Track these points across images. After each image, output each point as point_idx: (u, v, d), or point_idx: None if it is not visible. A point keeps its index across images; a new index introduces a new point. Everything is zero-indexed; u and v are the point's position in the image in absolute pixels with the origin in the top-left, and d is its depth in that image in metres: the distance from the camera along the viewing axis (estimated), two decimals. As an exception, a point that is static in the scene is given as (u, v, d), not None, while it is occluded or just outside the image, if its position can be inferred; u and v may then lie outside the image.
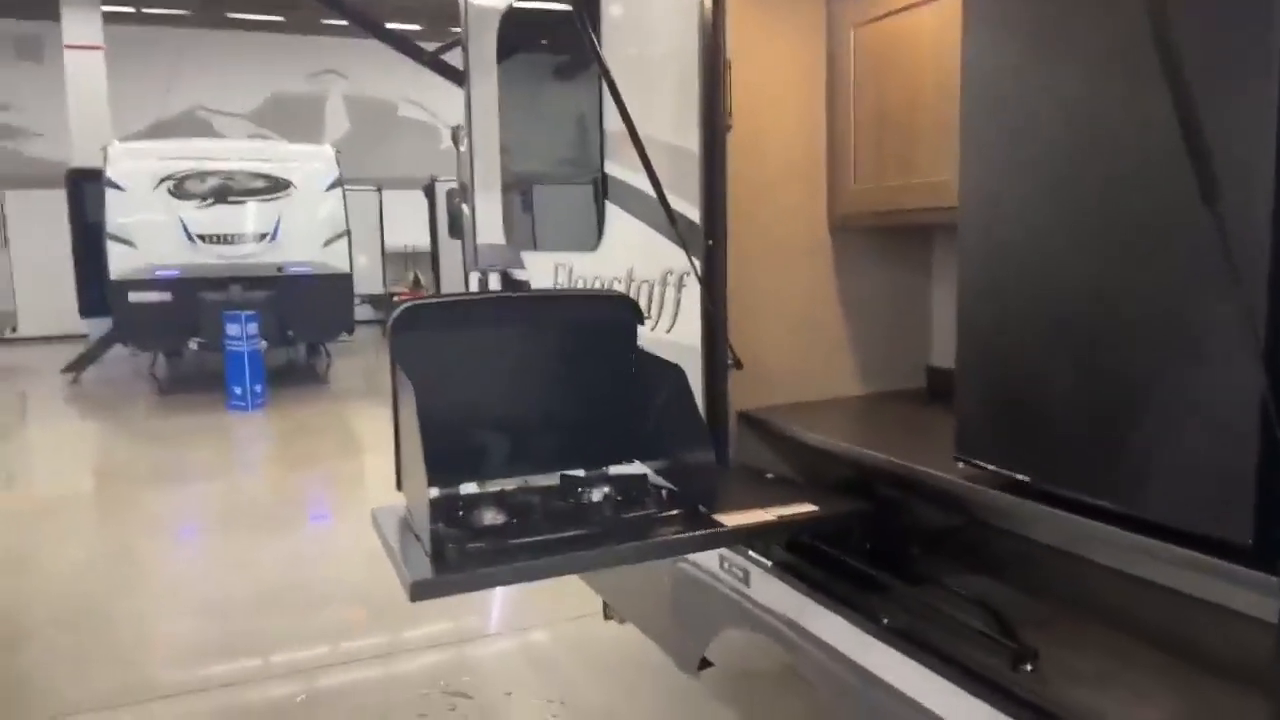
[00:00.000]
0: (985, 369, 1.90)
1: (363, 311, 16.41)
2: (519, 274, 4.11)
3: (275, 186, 11.67)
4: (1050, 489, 1.74)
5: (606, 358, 2.48)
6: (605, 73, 2.51)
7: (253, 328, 10.42)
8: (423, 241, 16.76)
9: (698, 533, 2.06)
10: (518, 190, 4.07)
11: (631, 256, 2.98)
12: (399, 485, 2.25)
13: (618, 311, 2.51)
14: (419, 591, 1.81)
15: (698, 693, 3.64)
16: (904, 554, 2.26)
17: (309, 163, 12.19)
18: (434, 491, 2.10)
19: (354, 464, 8.40)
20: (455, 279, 13.56)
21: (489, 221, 4.46)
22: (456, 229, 12.55)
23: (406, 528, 2.12)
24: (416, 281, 18.99)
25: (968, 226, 1.91)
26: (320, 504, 7.32)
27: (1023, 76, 1.76)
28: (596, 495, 2.24)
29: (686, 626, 2.78)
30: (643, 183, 2.80)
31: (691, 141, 2.56)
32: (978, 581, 2.14)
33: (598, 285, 3.23)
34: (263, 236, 11.51)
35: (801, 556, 2.30)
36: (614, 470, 2.40)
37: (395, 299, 18.70)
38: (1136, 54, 1.46)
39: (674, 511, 2.17)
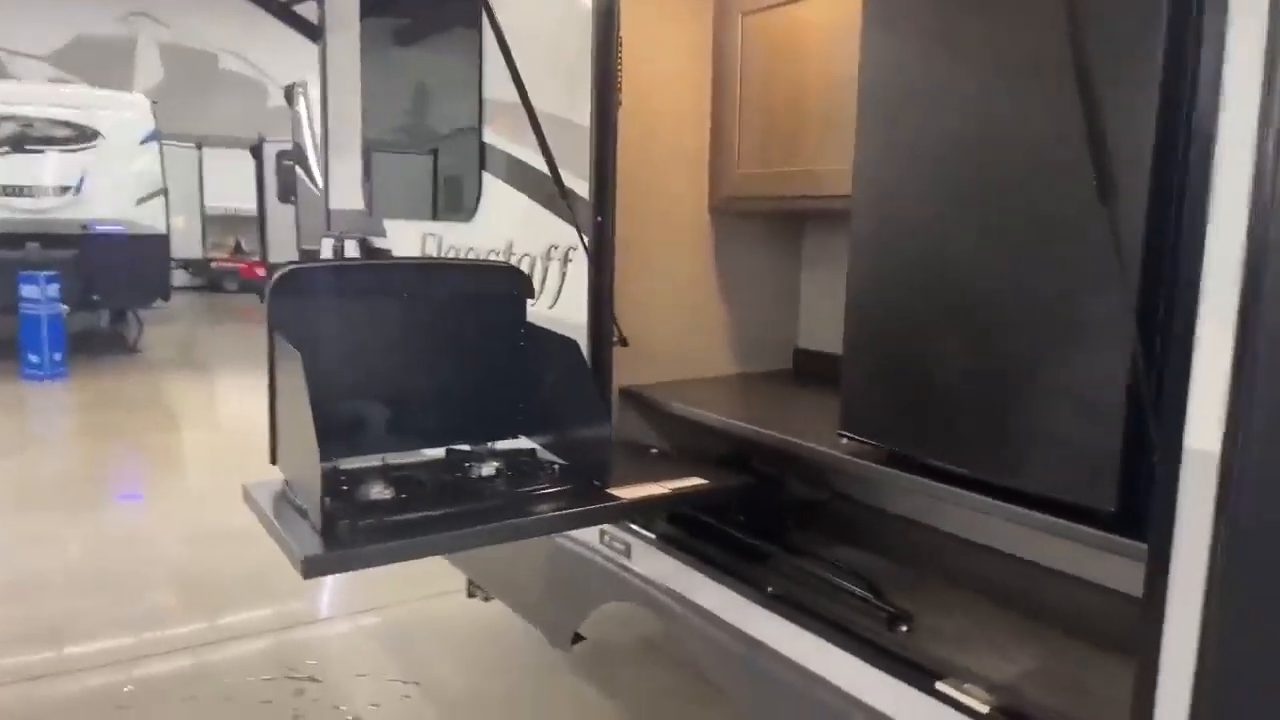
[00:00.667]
0: (872, 349, 2.01)
1: (180, 277, 15.29)
2: (380, 242, 3.95)
3: (81, 136, 10.63)
4: (932, 463, 1.86)
5: (494, 330, 2.44)
6: (501, 41, 2.46)
7: (52, 290, 9.50)
8: (248, 205, 15.74)
9: (599, 505, 2.07)
10: (381, 154, 3.91)
11: (512, 229, 2.93)
12: (273, 459, 2.14)
13: (508, 284, 2.47)
14: (311, 568, 1.74)
15: (558, 668, 3.65)
16: (782, 526, 2.36)
17: (120, 112, 11.16)
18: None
19: (168, 439, 7.85)
20: (284, 245, 12.78)
21: (344, 185, 4.27)
22: (287, 193, 11.88)
23: (285, 502, 2.02)
24: (239, 247, 17.89)
25: (860, 214, 2.00)
26: (131, 481, 6.78)
27: (920, 72, 1.86)
28: (485, 470, 2.21)
29: (562, 601, 2.78)
30: (527, 154, 2.76)
31: (581, 116, 2.54)
32: (854, 552, 2.27)
33: (473, 257, 3.16)
34: (65, 190, 10.48)
35: (683, 529, 2.35)
36: (501, 445, 2.37)
37: (215, 264, 17.56)
38: (1031, 56, 1.59)
39: (567, 486, 2.17)
